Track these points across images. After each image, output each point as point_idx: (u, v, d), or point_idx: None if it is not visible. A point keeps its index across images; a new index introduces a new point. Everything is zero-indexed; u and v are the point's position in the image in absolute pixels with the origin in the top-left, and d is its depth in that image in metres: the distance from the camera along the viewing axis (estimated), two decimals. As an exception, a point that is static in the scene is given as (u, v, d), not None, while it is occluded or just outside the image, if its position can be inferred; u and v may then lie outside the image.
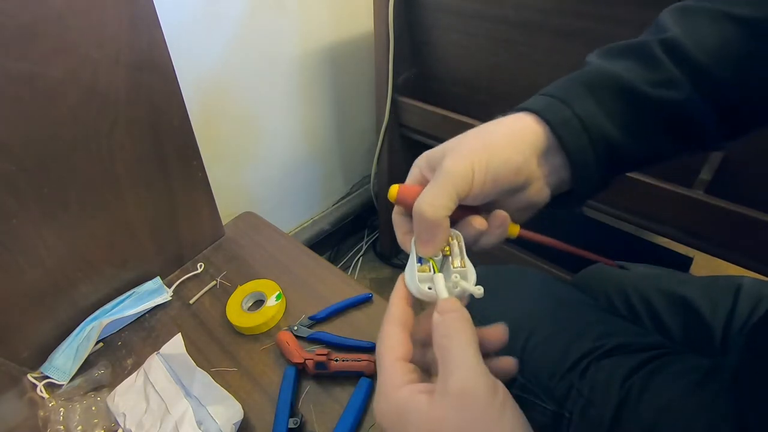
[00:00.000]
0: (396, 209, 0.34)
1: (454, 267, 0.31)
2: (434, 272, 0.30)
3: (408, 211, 0.32)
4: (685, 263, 1.00)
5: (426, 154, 0.33)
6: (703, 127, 0.32)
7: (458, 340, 0.25)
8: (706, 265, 0.97)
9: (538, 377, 0.48)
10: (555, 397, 0.46)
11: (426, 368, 0.30)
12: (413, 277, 0.30)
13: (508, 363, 0.30)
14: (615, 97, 0.31)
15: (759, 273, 0.68)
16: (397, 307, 0.30)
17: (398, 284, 0.31)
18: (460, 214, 0.31)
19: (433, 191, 0.29)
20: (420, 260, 0.31)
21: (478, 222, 0.32)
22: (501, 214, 0.32)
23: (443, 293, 0.29)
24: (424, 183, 0.31)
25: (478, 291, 0.29)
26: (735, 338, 0.48)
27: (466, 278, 0.30)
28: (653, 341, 0.47)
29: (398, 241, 0.34)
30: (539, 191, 0.33)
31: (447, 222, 0.30)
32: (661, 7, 0.62)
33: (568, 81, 0.33)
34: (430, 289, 0.30)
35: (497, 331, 0.30)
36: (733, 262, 0.70)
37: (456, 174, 0.29)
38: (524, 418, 0.24)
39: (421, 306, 0.31)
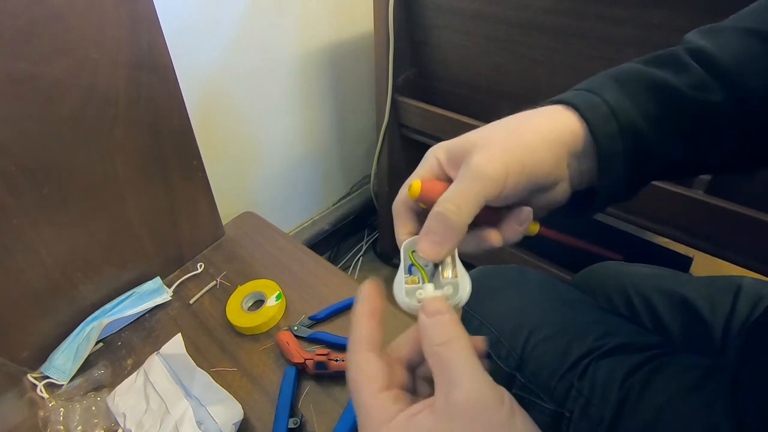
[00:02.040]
0: (402, 204, 0.30)
1: (444, 277, 0.27)
2: (424, 282, 0.28)
3: (426, 209, 0.29)
4: (685, 263, 1.00)
5: (446, 146, 0.30)
6: (736, 139, 0.31)
7: (457, 347, 0.23)
8: (706, 265, 0.97)
9: (539, 377, 0.48)
10: (555, 397, 0.46)
11: (411, 390, 0.27)
12: (401, 288, 0.27)
13: (479, 341, 0.28)
14: (646, 92, 0.30)
15: (759, 273, 0.68)
16: (366, 326, 0.26)
17: (365, 296, 0.27)
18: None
19: (460, 193, 0.27)
20: (410, 269, 0.28)
21: (494, 238, 0.29)
22: (526, 211, 0.29)
23: None
24: (443, 178, 0.29)
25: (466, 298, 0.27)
26: (734, 338, 0.49)
27: (458, 291, 0.27)
28: (653, 341, 0.47)
29: (398, 239, 0.30)
30: (563, 192, 0.31)
31: (467, 227, 0.27)
32: (660, 6, 0.63)
33: (597, 76, 0.32)
34: (419, 303, 0.26)
35: (477, 342, 0.27)
36: (733, 262, 0.70)
37: (488, 176, 0.26)
38: (533, 423, 0.23)
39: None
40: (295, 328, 0.68)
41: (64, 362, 0.65)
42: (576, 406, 0.45)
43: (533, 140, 0.28)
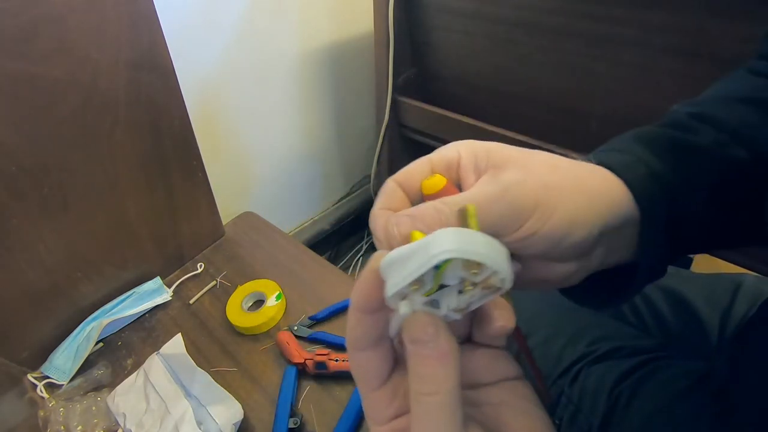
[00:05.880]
0: (400, 189, 0.25)
1: (450, 308, 0.21)
2: (428, 290, 0.19)
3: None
4: (684, 263, 1.00)
5: (474, 146, 0.25)
6: (761, 196, 0.27)
7: (432, 406, 0.19)
8: (706, 265, 0.97)
9: (532, 383, 0.48)
10: (546, 403, 0.46)
11: None
12: (396, 282, 0.19)
13: (504, 320, 0.22)
14: (673, 151, 0.26)
15: (759, 273, 0.68)
16: (358, 326, 0.21)
17: (360, 289, 0.21)
18: None
19: (477, 201, 0.22)
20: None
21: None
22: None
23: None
24: (454, 178, 0.25)
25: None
26: (729, 340, 0.48)
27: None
28: (647, 345, 0.46)
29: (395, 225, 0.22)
30: (575, 272, 0.26)
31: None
32: (660, 6, 0.63)
33: (615, 139, 0.29)
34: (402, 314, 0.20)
35: (501, 321, 0.22)
36: (732, 263, 0.70)
37: (515, 199, 0.22)
38: None
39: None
40: (295, 328, 0.67)
41: (64, 362, 0.65)
42: (565, 414, 0.44)
43: (581, 188, 0.23)
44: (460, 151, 0.25)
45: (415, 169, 0.25)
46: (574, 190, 0.23)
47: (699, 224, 0.27)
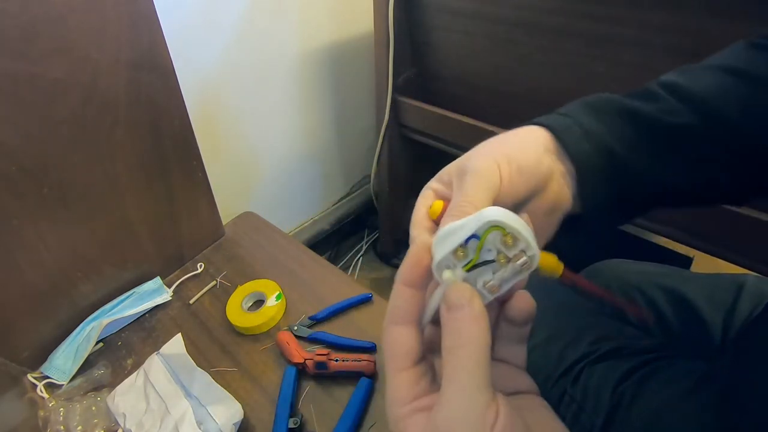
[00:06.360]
0: (425, 230, 0.31)
1: (486, 284, 0.24)
2: (469, 262, 0.23)
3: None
4: (685, 263, 1.00)
5: (436, 177, 0.32)
6: (718, 166, 0.32)
7: (463, 356, 0.21)
8: (706, 265, 0.97)
9: (534, 381, 0.48)
10: (549, 402, 0.46)
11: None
12: (442, 248, 0.23)
13: (524, 302, 0.25)
14: (618, 117, 0.32)
15: (759, 273, 0.68)
16: (401, 296, 0.24)
17: (409, 260, 0.24)
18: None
19: (467, 193, 0.28)
20: (467, 241, 0.24)
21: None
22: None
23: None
24: (448, 198, 0.31)
25: None
26: (733, 340, 0.48)
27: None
28: (648, 345, 0.46)
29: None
30: (560, 189, 0.32)
31: None
32: (660, 6, 0.63)
33: (570, 103, 0.35)
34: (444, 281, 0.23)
35: (522, 302, 0.25)
36: (733, 263, 0.70)
37: (483, 170, 0.29)
38: None
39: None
40: (295, 328, 0.68)
41: (64, 362, 0.65)
42: (568, 413, 0.44)
43: (511, 141, 0.32)
44: (431, 186, 0.32)
45: (420, 214, 0.31)
46: (515, 141, 0.32)
47: (647, 179, 0.32)
